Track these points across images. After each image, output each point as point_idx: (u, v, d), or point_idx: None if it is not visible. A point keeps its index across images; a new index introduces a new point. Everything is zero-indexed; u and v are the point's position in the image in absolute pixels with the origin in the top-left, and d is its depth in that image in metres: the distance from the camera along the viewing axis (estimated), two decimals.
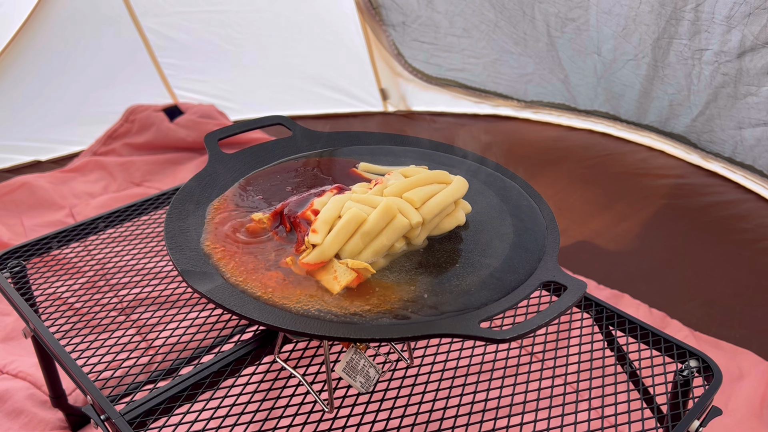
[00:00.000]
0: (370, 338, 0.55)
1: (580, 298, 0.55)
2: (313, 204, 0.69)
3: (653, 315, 1.29)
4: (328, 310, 0.59)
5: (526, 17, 1.90)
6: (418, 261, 0.67)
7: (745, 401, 1.09)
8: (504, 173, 0.83)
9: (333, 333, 0.55)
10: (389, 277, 0.64)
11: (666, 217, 1.67)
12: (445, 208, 0.70)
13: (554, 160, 1.98)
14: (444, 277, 0.65)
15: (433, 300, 0.61)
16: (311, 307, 0.60)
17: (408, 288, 0.63)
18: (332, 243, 0.64)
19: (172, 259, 0.63)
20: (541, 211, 0.75)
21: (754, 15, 1.41)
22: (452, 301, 0.61)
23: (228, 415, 0.64)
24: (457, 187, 0.71)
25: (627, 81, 1.87)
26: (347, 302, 0.60)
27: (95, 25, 1.97)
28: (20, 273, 0.85)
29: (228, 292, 0.60)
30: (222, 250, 0.67)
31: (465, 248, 0.70)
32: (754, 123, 1.62)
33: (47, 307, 0.81)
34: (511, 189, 0.80)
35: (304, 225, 0.67)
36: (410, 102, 2.34)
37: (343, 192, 0.72)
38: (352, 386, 0.67)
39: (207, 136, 0.83)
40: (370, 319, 0.58)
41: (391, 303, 0.60)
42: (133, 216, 0.98)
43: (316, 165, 0.85)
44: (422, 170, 0.74)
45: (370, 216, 0.65)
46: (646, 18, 1.64)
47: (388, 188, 0.69)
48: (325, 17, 2.17)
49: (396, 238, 0.66)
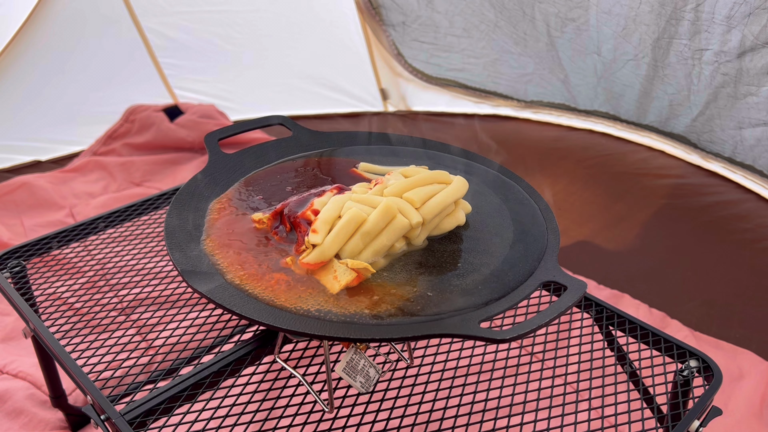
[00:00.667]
0: (370, 338, 0.55)
1: (580, 298, 0.55)
2: (313, 204, 0.69)
3: (653, 315, 1.29)
4: (328, 310, 0.59)
5: (526, 17, 1.90)
6: (418, 261, 0.67)
7: (745, 401, 1.09)
8: (504, 173, 0.83)
9: (333, 333, 0.55)
10: (389, 277, 0.64)
11: (666, 217, 1.67)
12: (445, 209, 0.70)
13: (554, 160, 1.98)
14: (444, 277, 0.65)
15: (433, 300, 0.61)
16: (311, 307, 0.60)
17: (408, 288, 0.63)
18: (332, 243, 0.64)
19: (173, 259, 0.63)
20: (541, 211, 0.75)
21: (754, 15, 1.41)
22: (452, 301, 0.61)
23: (228, 415, 0.64)
24: (456, 187, 0.71)
25: (627, 81, 1.87)
26: (347, 302, 0.60)
27: (95, 25, 1.97)
28: (20, 273, 0.85)
29: (228, 292, 0.60)
30: (222, 250, 0.67)
31: (465, 248, 0.70)
32: (754, 123, 1.62)
33: (47, 307, 0.81)
34: (511, 188, 0.80)
35: (304, 225, 0.67)
36: (410, 102, 2.34)
37: (343, 192, 0.72)
38: (352, 386, 0.67)
39: (207, 136, 0.83)
40: (370, 319, 0.58)
41: (391, 303, 0.60)
42: (133, 216, 0.98)
43: (316, 165, 0.85)
44: (422, 170, 0.74)
45: (370, 216, 0.65)
46: (646, 18, 1.64)
47: (388, 188, 0.69)
48: (325, 17, 2.17)
49: (396, 239, 0.66)
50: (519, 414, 0.65)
